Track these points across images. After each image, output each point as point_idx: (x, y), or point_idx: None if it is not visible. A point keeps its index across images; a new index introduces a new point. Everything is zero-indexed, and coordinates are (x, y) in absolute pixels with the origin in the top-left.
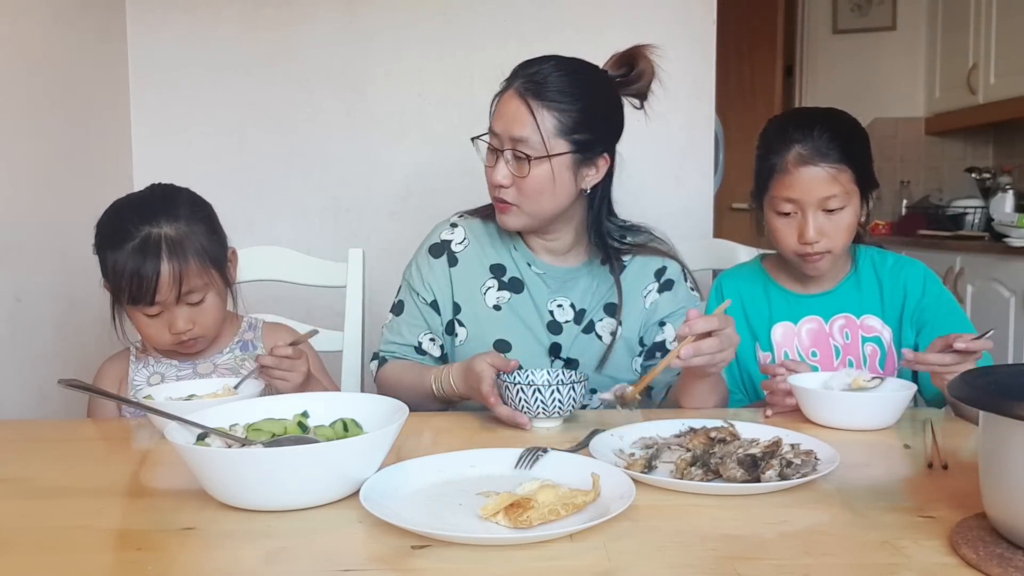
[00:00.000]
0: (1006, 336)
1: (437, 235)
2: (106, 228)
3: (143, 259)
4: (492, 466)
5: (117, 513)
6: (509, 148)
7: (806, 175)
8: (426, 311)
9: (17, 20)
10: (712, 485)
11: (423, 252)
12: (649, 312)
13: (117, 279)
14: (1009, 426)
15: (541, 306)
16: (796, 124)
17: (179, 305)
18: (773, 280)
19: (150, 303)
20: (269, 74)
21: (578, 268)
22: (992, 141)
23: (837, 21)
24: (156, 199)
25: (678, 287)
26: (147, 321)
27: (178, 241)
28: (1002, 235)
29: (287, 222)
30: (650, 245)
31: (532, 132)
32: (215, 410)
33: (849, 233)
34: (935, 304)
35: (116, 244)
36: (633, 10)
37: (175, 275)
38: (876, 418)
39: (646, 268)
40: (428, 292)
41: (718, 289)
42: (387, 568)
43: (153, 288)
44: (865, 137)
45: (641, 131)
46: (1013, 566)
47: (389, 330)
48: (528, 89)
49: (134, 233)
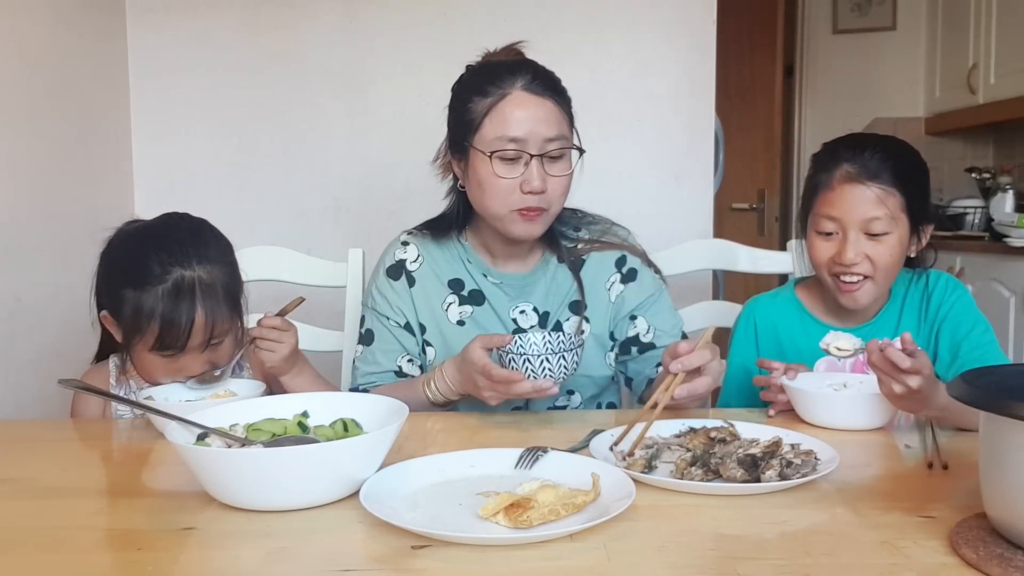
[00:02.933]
0: (1006, 336)
1: (391, 256)
2: (124, 263)
3: (176, 305)
4: (492, 466)
5: (117, 513)
6: (540, 153)
7: (850, 193)
8: (400, 334)
9: (17, 20)
10: (712, 485)
11: (381, 276)
12: (616, 306)
13: (140, 322)
14: (1009, 426)
15: (504, 315)
16: (848, 144)
17: (198, 351)
18: (809, 312)
19: (181, 349)
20: (269, 74)
21: (535, 271)
22: (992, 141)
23: (837, 21)
24: (183, 235)
25: (642, 275)
26: (160, 363)
27: (211, 286)
28: (1002, 235)
29: (287, 222)
30: (603, 240)
31: (565, 127)
32: (215, 410)
33: (893, 265)
34: (957, 314)
35: (141, 284)
36: (633, 10)
37: (208, 322)
38: (868, 417)
39: (605, 260)
40: (399, 315)
41: (749, 317)
42: (387, 568)
43: (187, 336)
44: (922, 168)
45: (641, 131)
46: (1013, 566)
47: (363, 362)
48: (546, 88)
49: (163, 275)
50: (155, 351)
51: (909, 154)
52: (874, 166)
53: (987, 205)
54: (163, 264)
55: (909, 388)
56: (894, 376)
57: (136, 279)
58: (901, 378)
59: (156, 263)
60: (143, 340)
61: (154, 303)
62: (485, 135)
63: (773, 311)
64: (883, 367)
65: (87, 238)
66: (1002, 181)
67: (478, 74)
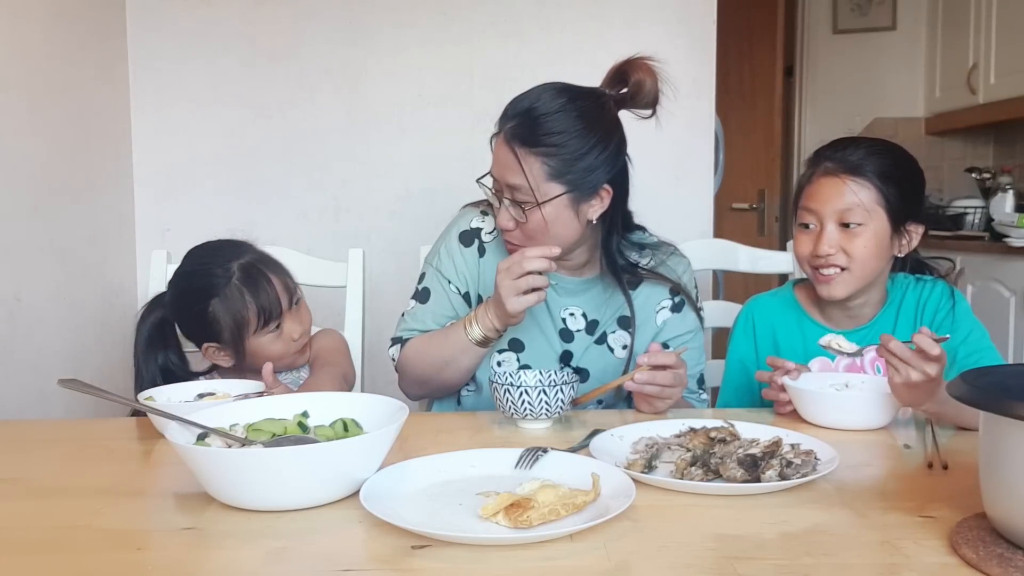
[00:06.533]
0: (1006, 336)
1: (467, 222)
2: (190, 295)
3: (254, 283)
4: (492, 466)
5: (117, 513)
6: (507, 196)
7: (827, 185)
8: (457, 302)
9: (17, 20)
10: (712, 485)
11: (453, 239)
12: (659, 329)
13: (239, 314)
14: (1009, 426)
15: (555, 312)
16: (835, 144)
17: (290, 312)
18: (807, 313)
19: (279, 315)
20: (269, 73)
21: (590, 280)
22: (992, 141)
23: (837, 21)
24: (209, 248)
25: (687, 311)
26: (269, 340)
27: (262, 259)
28: (1002, 235)
29: (287, 222)
30: (658, 271)
31: (522, 180)
32: (215, 410)
33: (869, 258)
34: (954, 319)
35: (218, 290)
36: (633, 10)
37: (282, 282)
38: (869, 417)
39: (661, 285)
40: (461, 281)
41: (748, 317)
42: (387, 568)
43: (277, 298)
44: (909, 168)
45: (641, 131)
46: (1013, 566)
47: (412, 317)
48: (515, 135)
49: (227, 273)
50: (261, 331)
51: (896, 155)
52: (853, 162)
53: (987, 205)
54: (220, 267)
55: (928, 376)
56: (915, 364)
57: (211, 292)
58: (923, 366)
59: (215, 270)
60: (249, 329)
61: (239, 292)
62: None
63: (771, 311)
64: (904, 355)
65: (87, 238)
66: (1002, 181)
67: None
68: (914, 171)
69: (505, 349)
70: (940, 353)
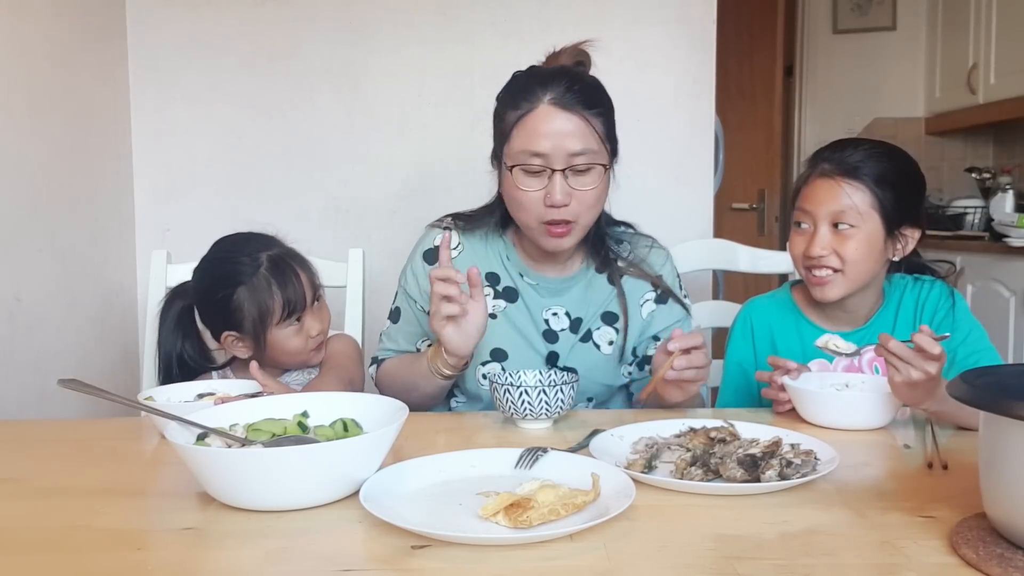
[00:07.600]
0: (1006, 336)
1: (431, 240)
2: (220, 282)
3: (281, 273)
4: (492, 466)
5: (117, 513)
6: (564, 166)
7: (821, 187)
8: (423, 319)
9: (17, 20)
10: (712, 485)
11: (417, 259)
12: (646, 323)
13: (264, 302)
14: (1009, 426)
15: (536, 315)
16: (833, 146)
17: (312, 309)
18: (804, 315)
19: (303, 309)
20: (269, 73)
21: (572, 277)
22: (992, 141)
23: (837, 21)
24: (237, 238)
25: (672, 301)
26: (289, 334)
27: (289, 252)
28: (1002, 235)
29: (287, 222)
30: (639, 267)
31: (594, 141)
32: (215, 410)
33: (861, 260)
34: (952, 320)
35: (246, 277)
36: (633, 10)
37: (308, 278)
38: (869, 417)
39: (643, 279)
40: (426, 300)
41: (746, 318)
42: (387, 568)
43: (302, 290)
44: (908, 173)
45: (641, 131)
46: (1013, 566)
47: (387, 337)
48: (578, 100)
49: (255, 262)
50: (284, 322)
51: (894, 159)
52: (850, 164)
53: (987, 205)
54: (248, 255)
55: (928, 375)
56: (915, 363)
57: (238, 279)
58: (923, 365)
59: (243, 258)
60: (272, 319)
61: (266, 282)
62: (513, 148)
63: (769, 313)
64: (904, 354)
65: (87, 238)
66: (1002, 181)
67: (514, 85)
68: (913, 175)
69: (488, 360)
70: (940, 352)
